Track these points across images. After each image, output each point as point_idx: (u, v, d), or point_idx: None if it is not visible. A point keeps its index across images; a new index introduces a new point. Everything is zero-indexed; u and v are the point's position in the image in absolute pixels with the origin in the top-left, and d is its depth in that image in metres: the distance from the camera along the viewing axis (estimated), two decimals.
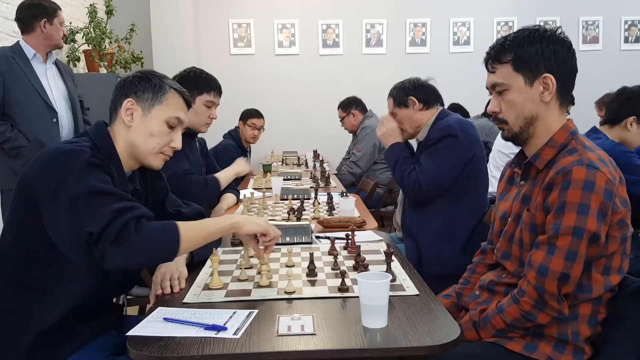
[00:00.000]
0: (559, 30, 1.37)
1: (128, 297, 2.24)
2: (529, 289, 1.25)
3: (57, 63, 2.99)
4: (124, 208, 1.18)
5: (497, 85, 1.38)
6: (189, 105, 1.50)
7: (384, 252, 1.43)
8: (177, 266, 1.44)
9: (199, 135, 2.57)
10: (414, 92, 2.32)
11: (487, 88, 1.43)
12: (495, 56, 1.39)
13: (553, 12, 5.79)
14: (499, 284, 1.40)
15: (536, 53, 1.33)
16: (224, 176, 2.55)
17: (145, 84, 1.42)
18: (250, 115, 4.24)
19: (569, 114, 1.43)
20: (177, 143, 1.46)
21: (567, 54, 1.35)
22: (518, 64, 1.35)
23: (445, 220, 2.19)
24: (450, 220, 2.19)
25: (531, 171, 1.38)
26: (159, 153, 1.44)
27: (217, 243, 1.66)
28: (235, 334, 1.09)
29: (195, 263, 1.54)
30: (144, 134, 1.41)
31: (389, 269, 1.40)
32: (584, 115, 4.71)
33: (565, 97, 1.37)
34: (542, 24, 1.41)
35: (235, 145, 4.08)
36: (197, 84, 2.39)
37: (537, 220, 1.30)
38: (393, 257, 1.45)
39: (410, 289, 1.33)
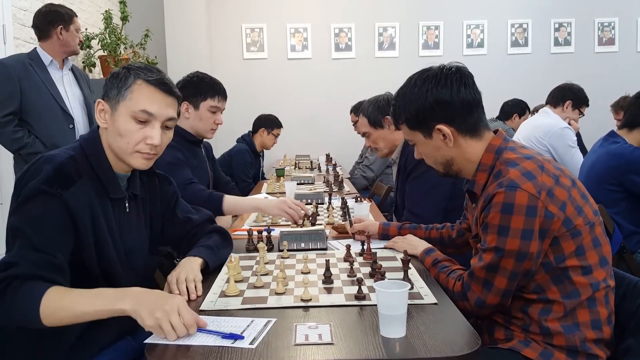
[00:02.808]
0: (443, 71, 1.39)
1: None
2: (465, 280, 1.36)
3: (73, 69, 3.02)
4: (9, 263, 1.15)
5: (408, 140, 1.51)
6: (170, 94, 1.35)
7: (401, 259, 1.41)
8: (192, 267, 1.42)
9: (205, 140, 2.50)
10: (389, 111, 2.25)
11: None
12: (393, 118, 1.50)
13: (568, 14, 5.69)
14: None
15: (420, 110, 1.39)
16: (235, 201, 2.18)
17: (113, 80, 1.32)
18: (276, 125, 4.27)
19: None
20: (155, 139, 1.30)
21: (452, 93, 1.36)
22: (410, 124, 1.44)
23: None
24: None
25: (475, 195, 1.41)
26: (135, 152, 1.31)
27: (230, 249, 1.65)
28: (251, 343, 1.08)
29: (211, 270, 1.53)
30: (114, 134, 1.31)
31: (406, 277, 1.38)
32: (600, 118, 4.67)
33: (473, 127, 1.39)
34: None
35: (249, 150, 4.09)
36: (201, 89, 2.30)
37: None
38: (410, 265, 1.44)
39: (428, 297, 1.32)
